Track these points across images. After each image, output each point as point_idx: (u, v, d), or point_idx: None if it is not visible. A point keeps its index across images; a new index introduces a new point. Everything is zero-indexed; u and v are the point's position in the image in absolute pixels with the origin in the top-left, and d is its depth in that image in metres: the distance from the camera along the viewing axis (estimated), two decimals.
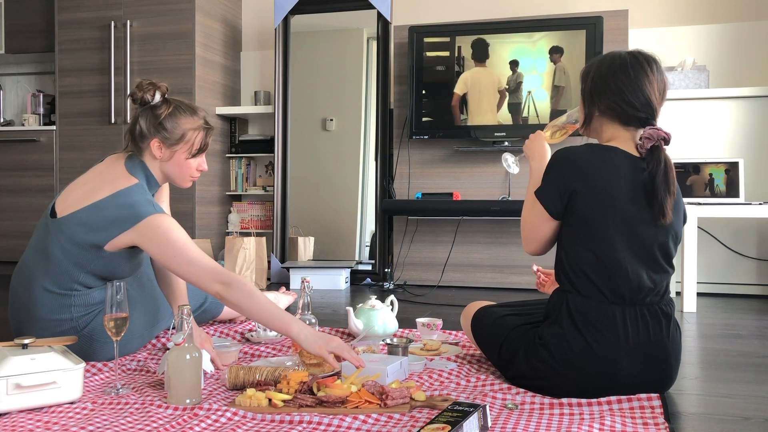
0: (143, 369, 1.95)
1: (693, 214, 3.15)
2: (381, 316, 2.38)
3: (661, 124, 1.73)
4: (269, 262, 4.21)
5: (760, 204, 3.16)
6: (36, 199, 4.48)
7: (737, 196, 3.38)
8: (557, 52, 3.76)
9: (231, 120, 4.58)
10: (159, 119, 1.90)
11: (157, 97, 1.92)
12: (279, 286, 3.94)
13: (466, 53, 3.89)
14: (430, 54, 3.96)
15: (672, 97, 3.67)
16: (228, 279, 1.75)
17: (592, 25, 3.71)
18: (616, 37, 3.79)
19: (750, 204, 3.17)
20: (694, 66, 3.75)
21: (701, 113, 3.70)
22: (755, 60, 3.90)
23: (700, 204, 3.19)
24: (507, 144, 3.87)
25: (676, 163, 3.35)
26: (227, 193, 4.58)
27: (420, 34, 3.97)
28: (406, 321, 2.77)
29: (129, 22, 4.23)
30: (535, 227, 1.75)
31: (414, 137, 3.94)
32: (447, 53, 3.93)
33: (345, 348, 1.71)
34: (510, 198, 3.89)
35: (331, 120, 4.21)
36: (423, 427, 1.28)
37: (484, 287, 3.95)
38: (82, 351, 1.91)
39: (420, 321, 2.39)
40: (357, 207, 4.16)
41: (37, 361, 1.56)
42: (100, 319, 1.91)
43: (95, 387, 1.77)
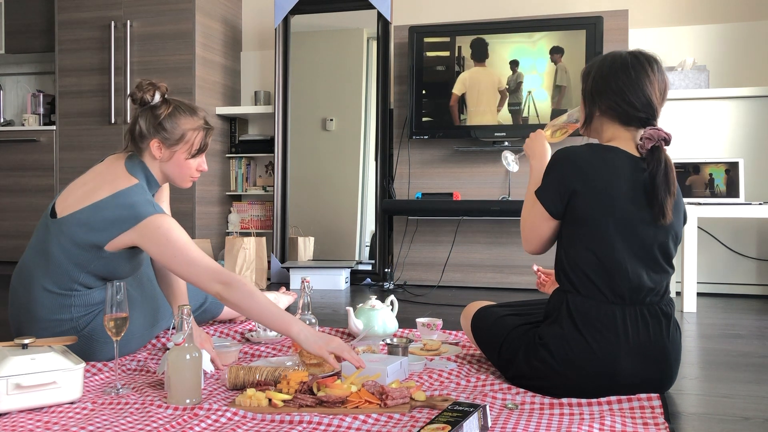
0: (143, 369, 1.95)
1: (693, 214, 3.15)
2: (381, 316, 2.37)
3: (662, 124, 1.73)
4: (269, 262, 4.21)
5: (760, 204, 3.16)
6: (36, 199, 4.48)
7: (737, 196, 3.38)
8: (558, 52, 3.76)
9: (231, 120, 4.58)
10: (158, 119, 1.90)
11: (157, 98, 1.92)
12: (279, 286, 3.94)
13: (466, 53, 3.89)
14: (430, 54, 3.96)
15: (672, 97, 3.67)
16: (228, 279, 1.75)
17: (592, 25, 3.71)
18: (616, 37, 3.79)
19: (750, 204, 3.17)
20: (694, 66, 3.75)
21: (701, 113, 3.70)
22: (755, 60, 3.90)
23: (700, 204, 3.19)
24: (507, 144, 3.87)
25: (676, 163, 3.35)
26: (227, 193, 4.58)
27: (420, 34, 3.97)
28: (406, 321, 2.77)
29: (129, 22, 4.23)
30: (535, 227, 1.75)
31: (414, 137, 3.94)
32: (447, 53, 3.93)
33: (345, 348, 1.71)
34: (510, 198, 3.89)
35: (331, 120, 4.21)
36: (423, 427, 1.28)
37: (484, 287, 3.95)
38: (82, 351, 1.91)
39: (420, 321, 2.39)
40: (357, 207, 4.16)
41: (37, 361, 1.56)
42: (100, 319, 1.91)
43: (95, 387, 1.77)
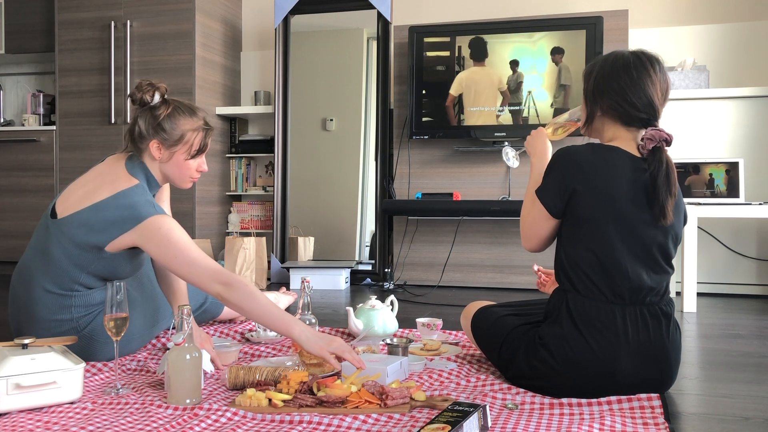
0: (143, 369, 1.95)
1: (693, 214, 3.15)
2: (381, 316, 2.37)
3: (662, 124, 1.73)
4: (269, 262, 4.21)
5: (760, 204, 3.16)
6: (36, 199, 4.48)
7: (737, 196, 3.38)
8: (558, 52, 3.76)
9: (231, 120, 4.58)
10: (158, 120, 1.90)
11: (157, 98, 1.92)
12: (279, 286, 3.94)
13: (465, 53, 3.89)
14: (430, 54, 3.96)
15: (672, 97, 3.67)
16: (229, 280, 1.75)
17: (592, 25, 3.71)
18: (616, 37, 3.79)
19: (750, 204, 3.17)
20: (694, 66, 3.75)
21: (701, 113, 3.70)
22: (755, 60, 3.90)
23: (700, 204, 3.19)
24: (507, 144, 3.86)
25: (676, 163, 3.34)
26: (227, 193, 4.58)
27: (420, 34, 3.96)
28: (406, 321, 2.77)
29: (129, 22, 4.23)
30: (535, 225, 1.75)
31: (414, 137, 3.94)
32: (447, 53, 3.93)
33: (346, 348, 1.71)
34: (510, 198, 3.89)
35: (331, 120, 4.21)
36: (423, 427, 1.28)
37: (484, 287, 3.95)
38: (82, 351, 1.91)
39: (420, 321, 2.39)
40: (357, 207, 4.16)
41: (37, 361, 1.56)
42: (100, 320, 1.91)
43: (95, 387, 1.77)
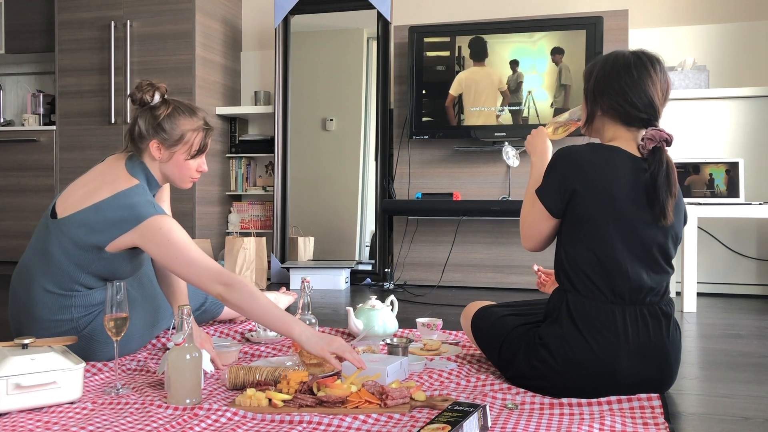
0: (143, 369, 1.95)
1: (693, 214, 3.15)
2: (381, 316, 2.37)
3: (662, 124, 1.73)
4: (269, 262, 4.21)
5: (760, 204, 3.16)
6: (36, 199, 4.48)
7: (737, 196, 3.38)
8: (558, 52, 3.76)
9: (231, 120, 4.58)
10: (158, 120, 1.89)
11: (157, 98, 1.92)
12: (279, 286, 3.94)
13: (465, 53, 3.89)
14: (430, 54, 3.96)
15: (672, 97, 3.67)
16: (229, 280, 1.75)
17: (592, 25, 3.71)
18: (616, 37, 3.79)
19: (750, 204, 3.17)
20: (694, 66, 3.75)
21: (701, 113, 3.70)
22: (755, 60, 3.90)
23: (700, 204, 3.19)
24: (507, 143, 3.86)
25: (676, 163, 3.34)
26: (227, 193, 4.58)
27: (420, 34, 3.96)
28: (406, 321, 2.77)
29: (129, 22, 4.23)
30: (535, 225, 1.75)
31: (414, 137, 3.94)
32: (447, 53, 3.93)
33: (347, 348, 1.71)
34: (510, 198, 3.89)
35: (331, 120, 4.21)
36: (423, 427, 1.28)
37: (484, 287, 3.95)
38: (82, 351, 1.91)
39: (420, 321, 2.39)
40: (357, 207, 4.16)
41: (37, 361, 1.56)
42: (100, 320, 1.91)
43: (95, 387, 1.77)
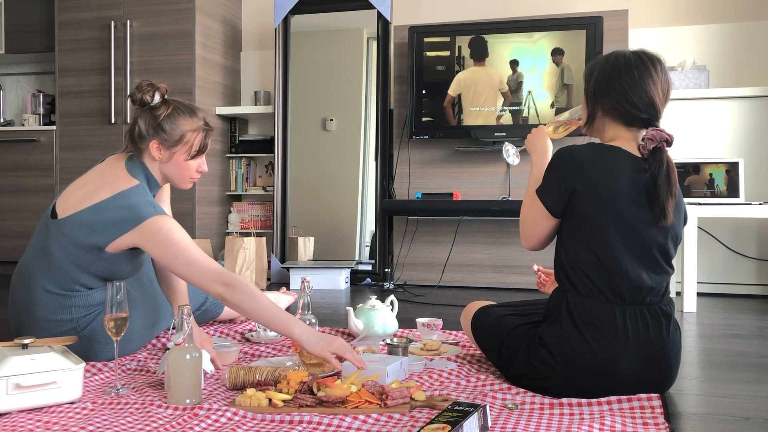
0: (143, 369, 1.95)
1: (693, 214, 3.15)
2: (381, 316, 2.37)
3: (662, 124, 1.73)
4: (269, 262, 4.21)
5: (760, 204, 3.16)
6: (36, 199, 4.48)
7: (737, 196, 3.38)
8: (559, 53, 3.76)
9: (231, 120, 4.58)
10: (158, 120, 1.89)
11: (157, 98, 1.92)
12: (279, 286, 3.94)
13: (465, 53, 3.89)
14: (430, 54, 3.96)
15: (672, 97, 3.66)
16: (230, 280, 1.75)
17: (592, 25, 3.71)
18: (616, 37, 3.79)
19: (750, 204, 3.17)
20: (694, 66, 3.75)
21: (701, 113, 3.70)
22: (755, 60, 3.90)
23: (700, 204, 3.19)
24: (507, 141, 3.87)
25: (676, 163, 3.34)
26: (227, 193, 4.58)
27: (420, 34, 3.96)
28: (406, 321, 2.77)
29: (129, 22, 4.23)
30: (535, 224, 1.75)
31: (414, 137, 3.94)
32: (447, 53, 3.93)
33: (347, 348, 1.71)
34: (510, 198, 3.89)
35: (331, 120, 4.21)
36: (423, 427, 1.28)
37: (484, 287, 3.95)
38: (82, 351, 1.91)
39: (420, 321, 2.39)
40: (357, 207, 4.16)
41: (37, 361, 1.56)
42: (100, 320, 1.91)
43: (95, 387, 1.77)
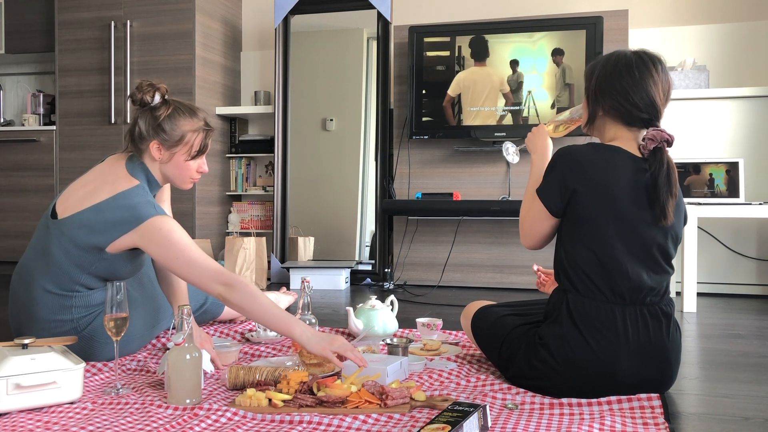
0: (143, 369, 1.95)
1: (693, 214, 3.15)
2: (381, 316, 2.37)
3: (662, 124, 1.73)
4: (269, 262, 4.21)
5: (760, 204, 3.16)
6: (36, 199, 4.48)
7: (737, 196, 3.38)
8: (559, 53, 3.76)
9: (231, 120, 4.58)
10: (158, 121, 1.89)
11: (157, 99, 1.92)
12: (279, 286, 3.94)
13: (466, 53, 3.89)
14: (430, 54, 3.96)
15: (672, 97, 3.62)
16: (230, 280, 1.75)
17: (592, 25, 3.71)
18: (616, 37, 3.78)
19: (750, 204, 3.17)
20: (694, 66, 3.75)
21: (701, 113, 3.70)
22: (755, 60, 3.90)
23: (700, 204, 3.19)
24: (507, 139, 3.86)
25: (676, 163, 3.34)
26: (227, 193, 4.58)
27: (420, 34, 3.96)
28: (406, 321, 2.77)
29: (129, 22, 4.23)
30: (535, 224, 1.75)
31: (414, 137, 3.94)
32: (447, 53, 3.93)
33: (348, 347, 1.71)
34: (510, 198, 3.89)
35: (331, 120, 4.21)
36: (423, 427, 1.28)
37: (484, 287, 3.95)
38: (82, 351, 1.91)
39: (420, 321, 2.39)
40: (357, 207, 4.16)
41: (37, 361, 1.56)
42: (100, 320, 1.91)
43: (95, 387, 1.77)
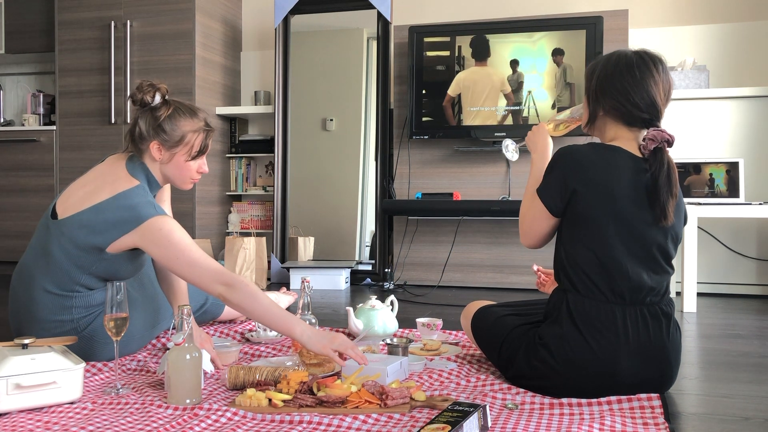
0: (143, 369, 1.95)
1: (693, 214, 3.15)
2: (381, 316, 2.37)
3: (662, 124, 1.73)
4: (269, 262, 4.20)
5: (760, 204, 3.16)
6: (36, 199, 4.48)
7: (737, 196, 3.38)
8: (559, 54, 3.76)
9: (231, 120, 4.58)
10: (158, 121, 1.89)
11: (157, 99, 1.92)
12: (279, 286, 3.94)
13: (466, 53, 3.89)
14: (430, 54, 3.96)
15: (672, 97, 3.65)
16: (230, 280, 1.75)
17: (592, 25, 3.71)
18: (616, 37, 3.78)
19: (750, 204, 3.17)
20: (694, 66, 3.75)
21: (701, 113, 3.70)
22: (755, 60, 3.90)
23: (700, 204, 3.19)
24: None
25: (676, 163, 3.34)
26: (227, 193, 4.58)
27: (420, 34, 3.96)
28: (406, 321, 2.77)
29: (129, 22, 4.23)
30: (535, 223, 1.75)
31: (414, 137, 3.94)
32: (447, 53, 3.93)
33: (349, 345, 1.72)
34: (510, 198, 3.89)
35: (331, 120, 4.21)
36: (423, 427, 1.28)
37: (484, 287, 3.95)
38: (82, 351, 1.91)
39: (420, 321, 2.39)
40: (357, 207, 4.16)
41: (37, 361, 1.56)
42: (100, 320, 1.91)
43: (95, 387, 1.77)
